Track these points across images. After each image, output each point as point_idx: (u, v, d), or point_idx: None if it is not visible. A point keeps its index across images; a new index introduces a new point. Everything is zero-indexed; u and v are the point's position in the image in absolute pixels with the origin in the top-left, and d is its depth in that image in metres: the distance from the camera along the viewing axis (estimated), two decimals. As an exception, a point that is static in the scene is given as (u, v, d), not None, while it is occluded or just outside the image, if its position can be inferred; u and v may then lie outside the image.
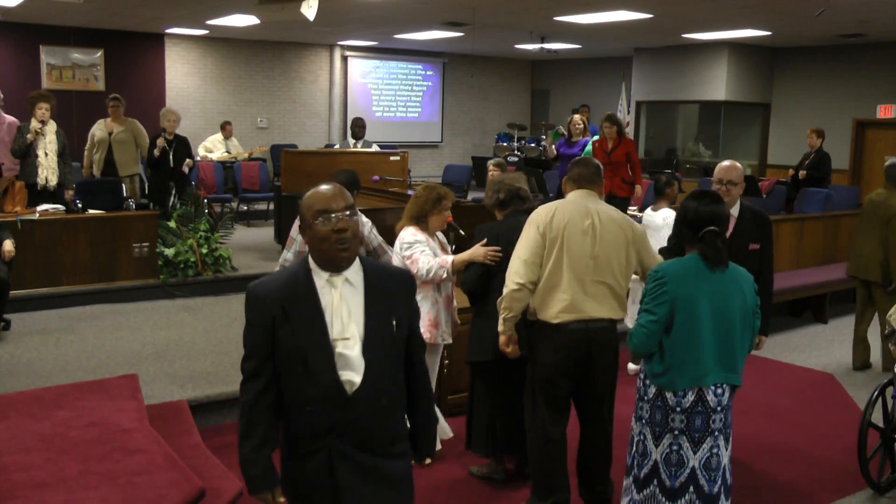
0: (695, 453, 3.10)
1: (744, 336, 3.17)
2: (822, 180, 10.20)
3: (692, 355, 3.07)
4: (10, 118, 8.13)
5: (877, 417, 4.44)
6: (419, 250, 4.40)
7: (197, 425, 4.62)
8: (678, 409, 3.09)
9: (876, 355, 6.66)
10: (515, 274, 3.69)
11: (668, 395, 3.10)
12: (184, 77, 14.20)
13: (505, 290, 3.72)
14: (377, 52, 15.96)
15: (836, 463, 4.80)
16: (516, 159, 14.89)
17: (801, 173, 10.16)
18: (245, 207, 12.45)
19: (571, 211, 3.74)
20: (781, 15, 9.85)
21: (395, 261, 4.46)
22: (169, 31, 13.49)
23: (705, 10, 9.69)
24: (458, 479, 4.47)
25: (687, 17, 10.27)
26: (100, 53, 13.32)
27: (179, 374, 5.48)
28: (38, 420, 4.17)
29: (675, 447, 3.12)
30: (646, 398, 3.20)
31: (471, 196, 11.65)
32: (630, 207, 10.01)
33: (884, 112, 12.60)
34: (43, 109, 7.68)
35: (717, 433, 3.12)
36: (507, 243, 4.04)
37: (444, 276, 4.37)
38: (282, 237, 9.28)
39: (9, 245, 6.39)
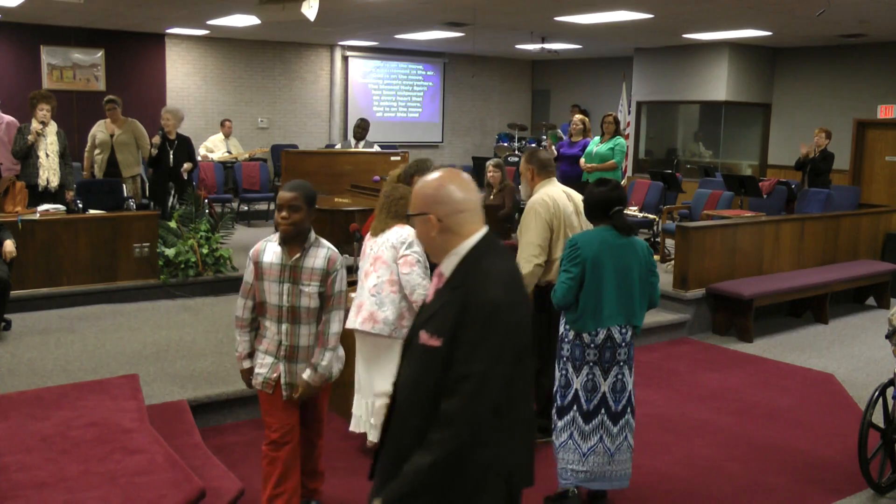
0: (605, 380, 3.96)
1: (643, 289, 3.99)
2: (824, 173, 10.25)
3: (599, 304, 3.90)
4: (8, 118, 8.11)
5: (877, 418, 4.44)
6: (416, 258, 4.21)
7: (197, 425, 4.62)
8: (592, 345, 3.95)
9: None
10: (533, 256, 4.52)
11: (584, 335, 3.95)
12: (184, 77, 14.21)
13: (525, 269, 4.48)
14: (378, 52, 15.96)
15: (837, 463, 4.80)
16: (517, 159, 14.89)
17: (807, 152, 10.21)
18: (245, 207, 12.46)
19: (560, 197, 4.61)
20: (782, 15, 9.85)
21: (386, 254, 4.26)
22: (169, 31, 13.49)
23: (705, 10, 9.68)
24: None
25: (687, 17, 10.27)
26: (100, 53, 13.33)
27: (180, 374, 5.48)
28: (39, 420, 4.17)
29: (590, 376, 3.96)
30: (566, 339, 4.03)
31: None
32: (631, 207, 10.01)
33: (884, 112, 12.60)
34: (44, 111, 7.66)
35: (622, 363, 3.98)
36: None
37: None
38: (282, 237, 9.24)
39: (10, 245, 6.40)
